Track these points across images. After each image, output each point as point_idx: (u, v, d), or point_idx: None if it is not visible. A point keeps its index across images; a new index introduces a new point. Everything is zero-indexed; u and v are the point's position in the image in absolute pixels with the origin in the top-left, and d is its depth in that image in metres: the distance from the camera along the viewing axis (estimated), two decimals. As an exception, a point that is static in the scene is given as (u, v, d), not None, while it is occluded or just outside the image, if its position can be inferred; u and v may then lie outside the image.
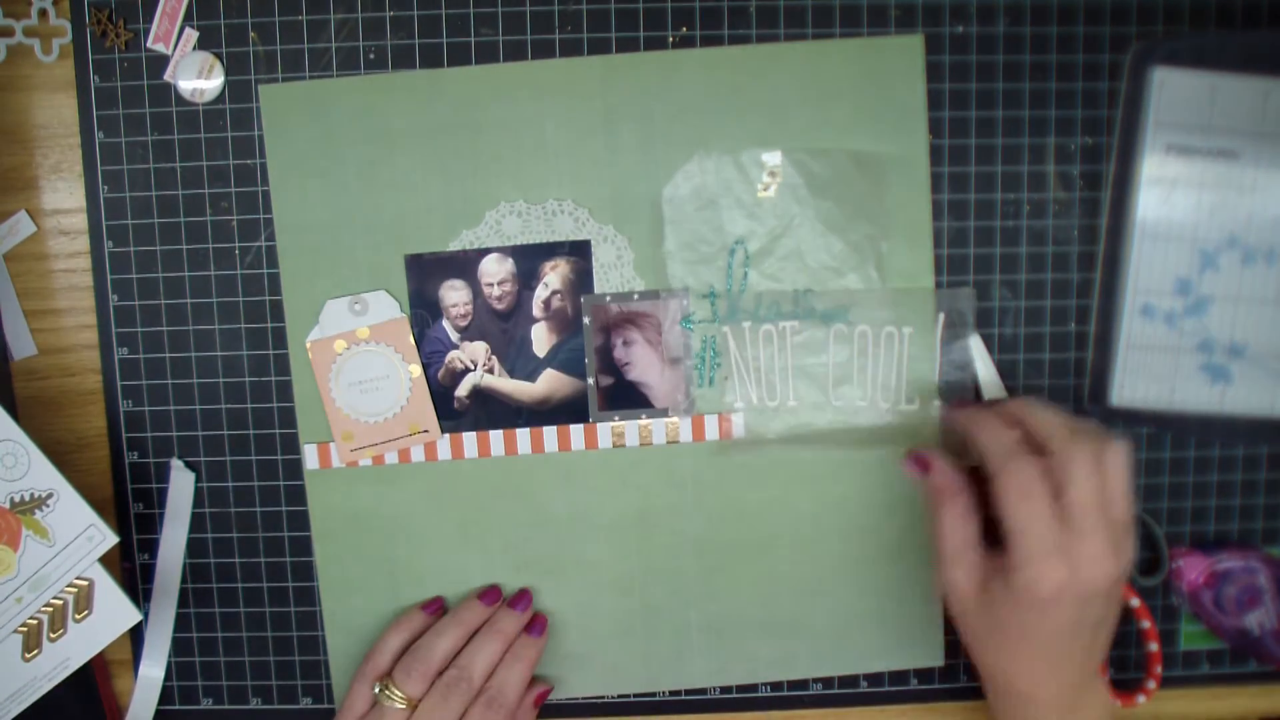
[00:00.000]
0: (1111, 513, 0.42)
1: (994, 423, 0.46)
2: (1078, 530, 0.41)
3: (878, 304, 0.50)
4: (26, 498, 0.46)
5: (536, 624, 0.51)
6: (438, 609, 0.52)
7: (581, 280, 0.51)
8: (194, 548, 0.52)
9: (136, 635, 0.52)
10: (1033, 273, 0.51)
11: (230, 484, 0.52)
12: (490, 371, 0.51)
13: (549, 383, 0.52)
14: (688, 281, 0.51)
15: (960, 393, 0.51)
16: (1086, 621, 0.43)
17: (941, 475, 0.47)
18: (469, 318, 0.51)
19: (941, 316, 0.51)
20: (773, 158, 0.50)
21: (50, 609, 0.47)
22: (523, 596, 0.52)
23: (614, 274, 0.50)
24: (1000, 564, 0.43)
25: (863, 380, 0.51)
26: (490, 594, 0.52)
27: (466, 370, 0.51)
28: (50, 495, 0.46)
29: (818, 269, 0.50)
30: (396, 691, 0.47)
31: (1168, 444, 0.52)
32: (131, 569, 0.53)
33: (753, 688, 0.53)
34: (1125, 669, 0.53)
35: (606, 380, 0.51)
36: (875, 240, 0.50)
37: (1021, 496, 0.42)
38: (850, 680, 0.54)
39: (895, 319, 0.51)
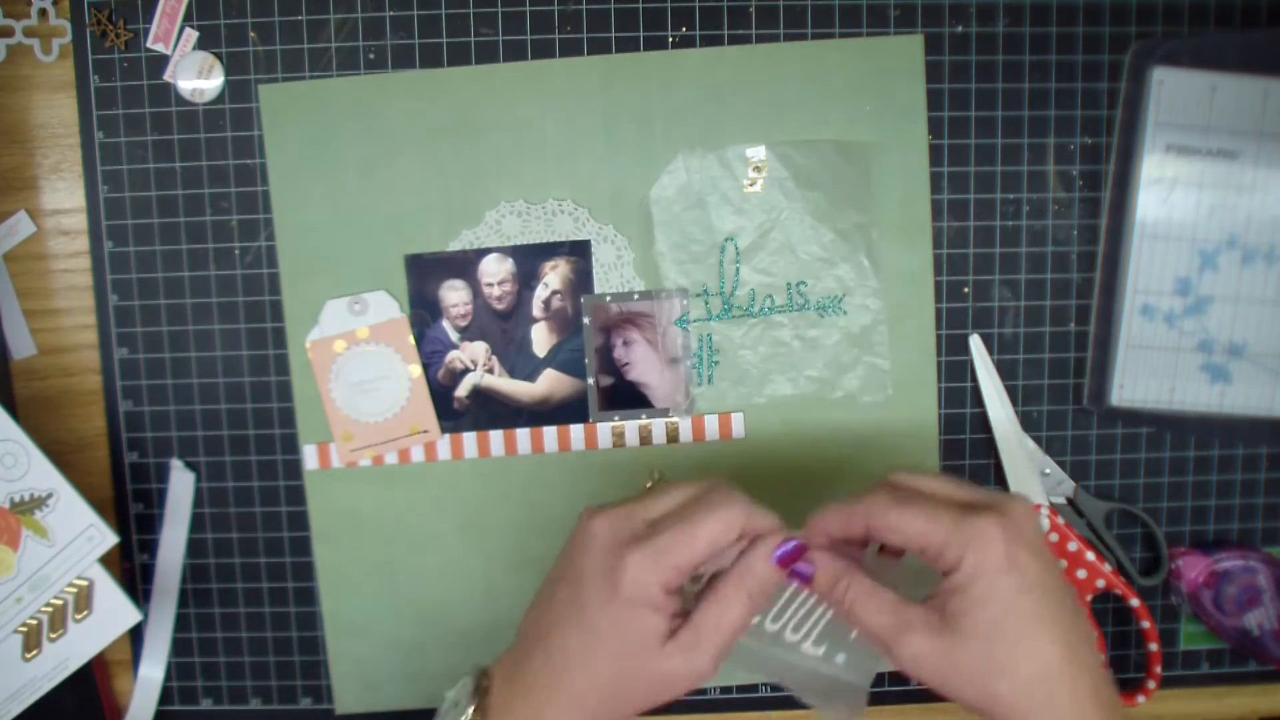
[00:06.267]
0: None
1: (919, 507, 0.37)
2: (981, 505, 0.37)
3: (873, 298, 0.50)
4: (26, 498, 0.46)
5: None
6: None
7: (581, 280, 0.51)
8: (194, 548, 0.52)
9: (136, 635, 0.52)
10: (1033, 273, 0.51)
11: (230, 484, 0.52)
12: (490, 371, 0.51)
13: (549, 383, 0.52)
14: (680, 282, 0.51)
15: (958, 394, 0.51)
16: (1054, 589, 0.36)
17: (827, 572, 0.39)
18: (469, 318, 0.51)
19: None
20: (757, 152, 0.50)
21: (50, 609, 0.47)
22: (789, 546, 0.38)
23: (614, 274, 0.50)
24: (939, 607, 0.37)
25: (860, 375, 0.51)
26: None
27: (466, 370, 0.51)
28: (50, 495, 0.46)
29: (809, 260, 0.50)
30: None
31: (1168, 444, 0.52)
32: (131, 569, 0.53)
33: (753, 688, 0.53)
34: (1125, 669, 0.53)
35: (606, 380, 0.51)
36: (865, 228, 0.50)
37: (918, 516, 0.37)
38: (850, 680, 0.54)
39: (891, 315, 0.50)
